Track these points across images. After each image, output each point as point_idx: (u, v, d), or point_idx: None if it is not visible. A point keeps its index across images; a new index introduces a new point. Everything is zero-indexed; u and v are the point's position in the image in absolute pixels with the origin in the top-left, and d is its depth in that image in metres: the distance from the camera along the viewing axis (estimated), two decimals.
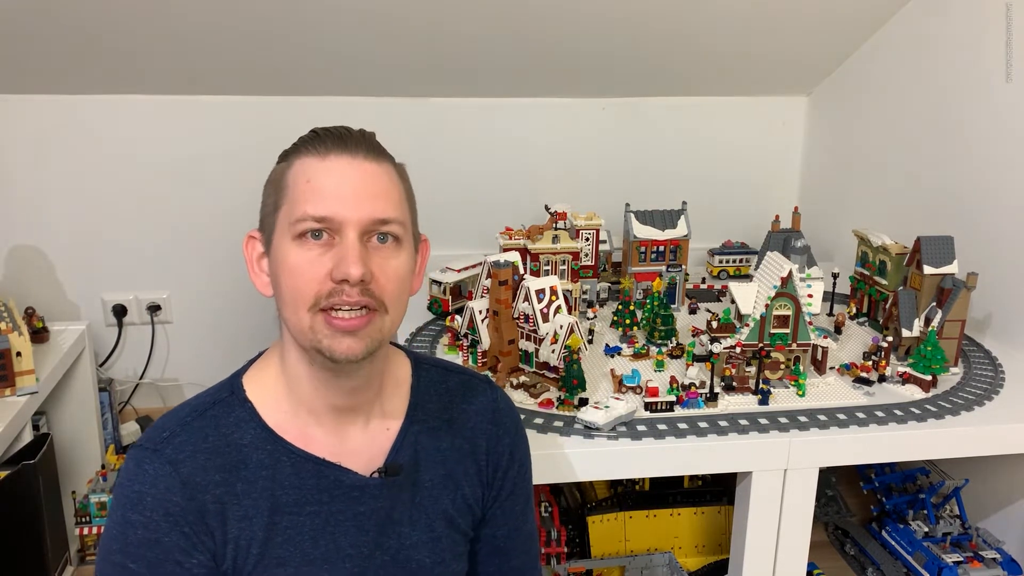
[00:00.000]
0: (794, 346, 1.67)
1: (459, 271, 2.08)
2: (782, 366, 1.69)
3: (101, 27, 2.11)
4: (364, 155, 0.96)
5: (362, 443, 1.05)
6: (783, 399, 1.65)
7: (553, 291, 1.70)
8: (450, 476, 1.10)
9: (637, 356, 1.83)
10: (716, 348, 1.66)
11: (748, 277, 2.29)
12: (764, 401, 1.63)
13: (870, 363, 1.76)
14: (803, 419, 1.58)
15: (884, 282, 1.96)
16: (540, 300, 1.67)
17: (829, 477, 2.19)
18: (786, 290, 1.62)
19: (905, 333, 1.81)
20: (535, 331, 1.68)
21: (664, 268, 2.11)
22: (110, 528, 0.97)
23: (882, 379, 1.74)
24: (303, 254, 0.94)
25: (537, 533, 1.24)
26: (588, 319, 2.05)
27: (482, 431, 1.13)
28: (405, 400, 1.10)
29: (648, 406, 1.59)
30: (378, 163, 0.98)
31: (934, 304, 1.80)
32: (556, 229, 2.01)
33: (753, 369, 1.66)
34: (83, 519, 2.12)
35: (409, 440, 1.07)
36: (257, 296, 1.04)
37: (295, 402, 1.03)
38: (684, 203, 2.17)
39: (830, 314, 2.10)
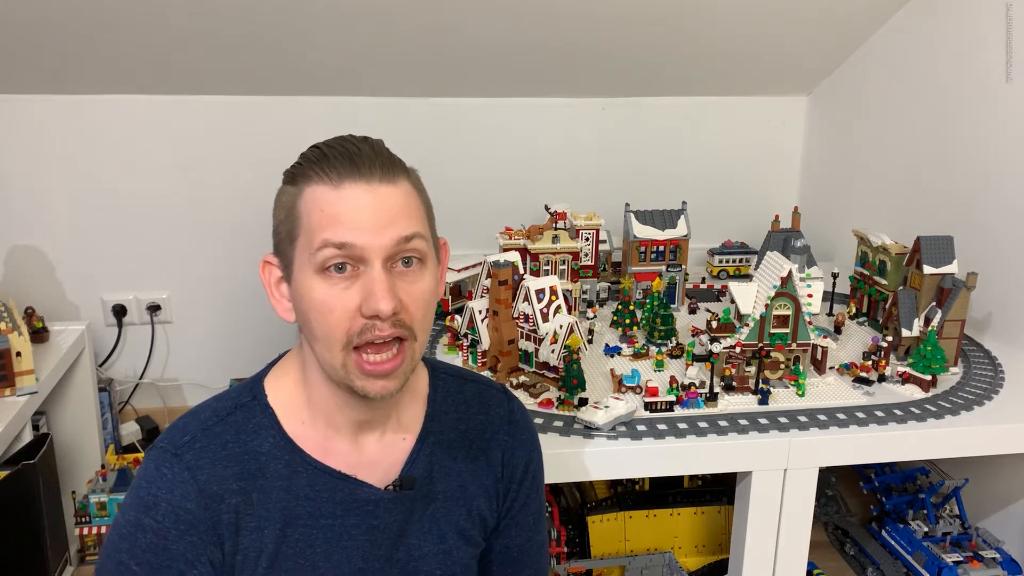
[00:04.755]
0: (794, 346, 1.67)
1: (459, 271, 2.08)
2: (782, 366, 1.69)
3: (101, 27, 2.11)
4: (379, 179, 0.91)
5: (378, 454, 1.04)
6: (783, 399, 1.65)
7: (553, 291, 1.70)
8: (465, 488, 1.08)
9: (637, 356, 1.83)
10: (716, 348, 1.66)
11: (748, 277, 2.28)
12: (764, 401, 1.63)
13: (870, 363, 1.76)
14: (803, 419, 1.58)
15: (884, 282, 1.96)
16: (540, 300, 1.67)
17: (829, 477, 2.19)
18: (786, 290, 1.62)
19: (905, 333, 1.81)
20: (535, 331, 1.68)
21: (664, 268, 2.11)
22: (120, 526, 0.95)
23: (882, 379, 1.74)
24: (328, 289, 0.90)
25: (548, 542, 1.22)
26: (588, 319, 2.05)
27: (498, 443, 1.11)
28: (422, 411, 1.08)
29: (648, 406, 1.59)
30: (394, 184, 0.92)
31: (934, 304, 1.79)
32: (556, 229, 2.01)
33: (753, 369, 1.66)
34: (83, 519, 2.12)
35: (424, 452, 1.06)
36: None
37: (314, 412, 1.01)
38: (684, 203, 2.17)
39: (830, 314, 2.10)
